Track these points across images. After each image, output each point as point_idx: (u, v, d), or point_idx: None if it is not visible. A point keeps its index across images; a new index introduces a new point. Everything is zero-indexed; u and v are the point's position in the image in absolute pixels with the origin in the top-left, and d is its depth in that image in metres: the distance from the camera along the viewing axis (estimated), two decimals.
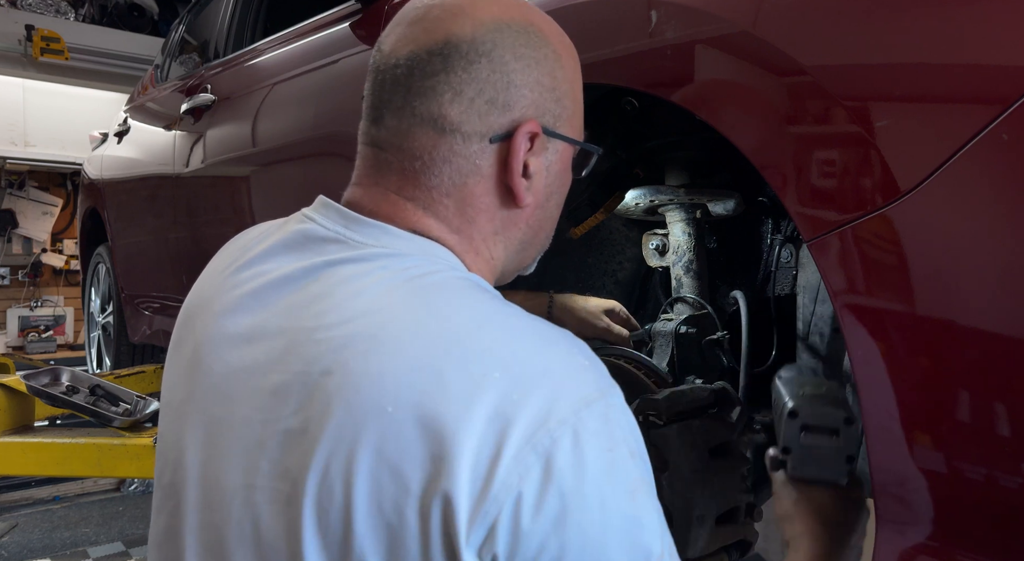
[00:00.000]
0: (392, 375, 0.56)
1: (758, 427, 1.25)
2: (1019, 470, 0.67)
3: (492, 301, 0.64)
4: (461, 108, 0.67)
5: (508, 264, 0.77)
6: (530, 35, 0.70)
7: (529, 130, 0.69)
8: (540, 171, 0.72)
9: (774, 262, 1.28)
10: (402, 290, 0.63)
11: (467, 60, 0.67)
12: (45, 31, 5.41)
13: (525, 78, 0.69)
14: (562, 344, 0.62)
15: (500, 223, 0.73)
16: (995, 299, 0.67)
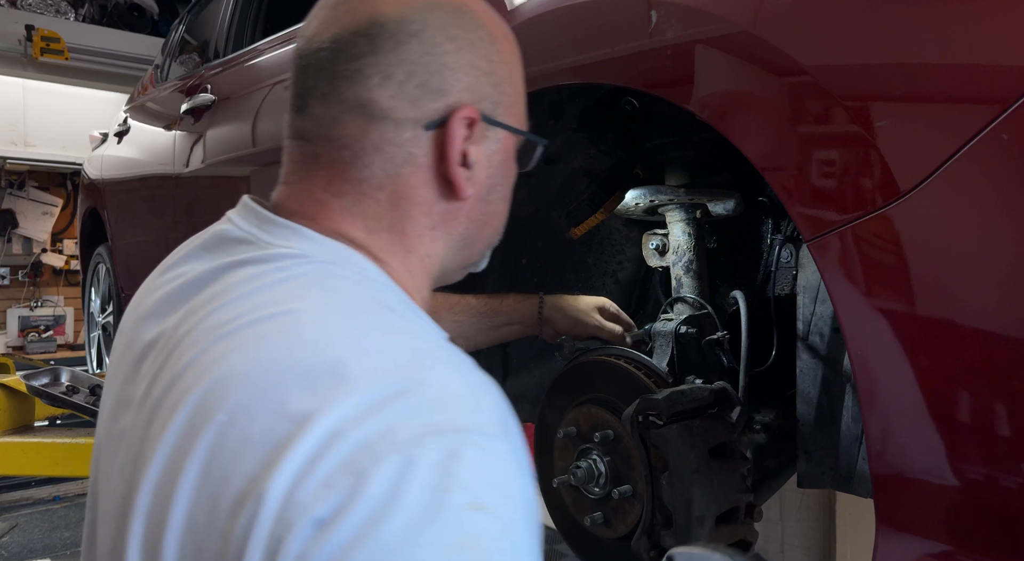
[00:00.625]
0: (239, 384, 0.52)
1: (758, 427, 1.25)
2: (1019, 470, 0.67)
3: (374, 314, 0.59)
4: (391, 92, 0.63)
5: (450, 261, 0.73)
6: (463, 16, 0.66)
7: (466, 116, 0.65)
8: (481, 161, 0.68)
9: (774, 262, 1.28)
10: (286, 293, 0.59)
11: (395, 40, 0.63)
12: (45, 31, 5.41)
13: (459, 61, 0.65)
14: (440, 369, 0.56)
15: (439, 217, 0.69)
16: (995, 299, 0.67)
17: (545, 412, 1.25)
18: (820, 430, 1.07)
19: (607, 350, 1.20)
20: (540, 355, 1.60)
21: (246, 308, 0.57)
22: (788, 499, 2.35)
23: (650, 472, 1.03)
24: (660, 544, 1.04)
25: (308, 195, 0.67)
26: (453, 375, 0.56)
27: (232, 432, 0.50)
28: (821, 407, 1.06)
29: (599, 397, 1.15)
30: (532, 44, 1.17)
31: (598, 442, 1.09)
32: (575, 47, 1.08)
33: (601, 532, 1.13)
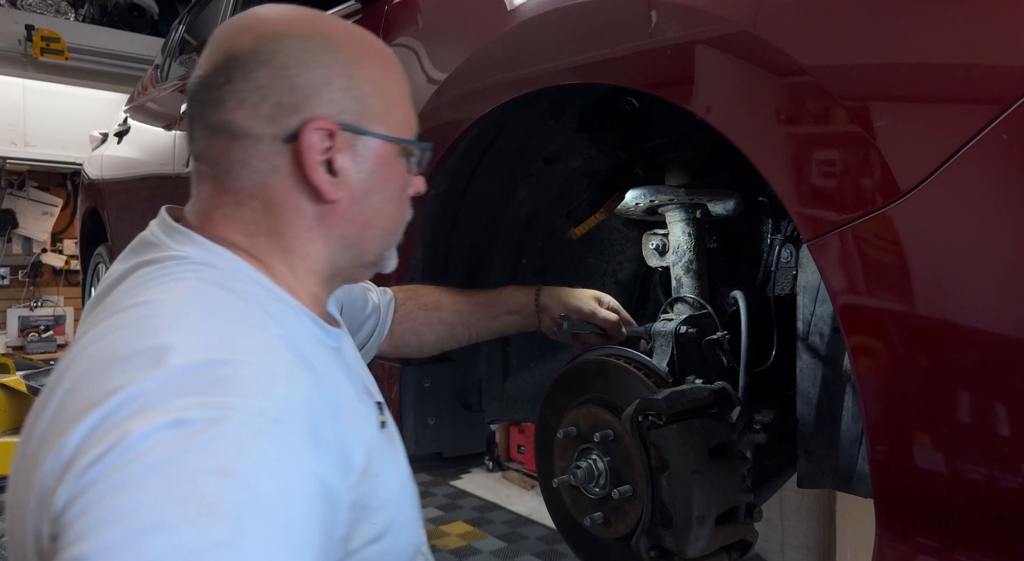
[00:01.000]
0: (87, 358, 0.63)
1: (758, 427, 1.25)
2: (1019, 470, 0.67)
3: (215, 307, 0.68)
4: (246, 113, 0.74)
5: (339, 259, 0.82)
6: (314, 41, 0.76)
7: (319, 127, 0.74)
8: (349, 167, 0.77)
9: (774, 262, 1.28)
10: (154, 288, 0.69)
11: (246, 70, 0.74)
12: (45, 31, 5.41)
13: (310, 80, 0.74)
14: (248, 357, 0.63)
15: (313, 220, 0.78)
16: (995, 299, 0.67)
17: (545, 412, 1.25)
18: (820, 430, 1.07)
19: (607, 350, 1.20)
20: (540, 355, 1.60)
21: (121, 298, 0.69)
22: (788, 499, 2.35)
23: (650, 472, 1.03)
24: (660, 544, 1.04)
25: (200, 206, 0.79)
26: (257, 362, 0.64)
27: (70, 397, 0.60)
28: (821, 407, 1.06)
29: (599, 397, 1.15)
30: (532, 44, 1.17)
31: (598, 442, 1.09)
32: (575, 47, 1.08)
33: (601, 532, 1.13)
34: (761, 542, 2.37)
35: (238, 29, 0.77)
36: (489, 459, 3.93)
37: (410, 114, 0.84)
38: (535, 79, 1.14)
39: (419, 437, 1.50)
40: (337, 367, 0.81)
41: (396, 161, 0.81)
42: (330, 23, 0.80)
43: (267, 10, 0.79)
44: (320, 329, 0.81)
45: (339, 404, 0.74)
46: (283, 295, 0.77)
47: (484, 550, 2.92)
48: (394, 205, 0.83)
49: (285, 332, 0.71)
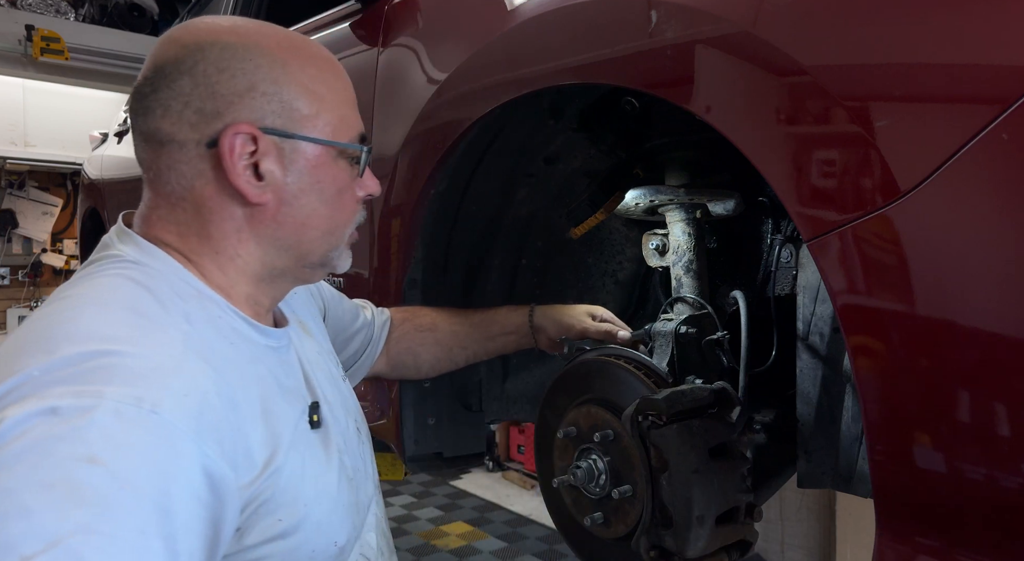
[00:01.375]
0: (6, 345, 0.67)
1: (758, 427, 1.25)
2: (1019, 470, 0.67)
3: (123, 302, 0.71)
4: (171, 120, 0.77)
5: (274, 260, 0.84)
6: (236, 49, 0.77)
7: (238, 131, 0.76)
8: (275, 170, 0.79)
9: (774, 262, 1.28)
10: (78, 283, 0.75)
11: (170, 79, 0.77)
12: (45, 31, 5.41)
13: (232, 87, 0.76)
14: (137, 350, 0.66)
15: (243, 221, 0.80)
16: (995, 299, 0.67)
17: (545, 412, 1.25)
18: (820, 430, 1.07)
19: (607, 350, 1.20)
20: (540, 355, 1.60)
21: (54, 293, 0.75)
22: (788, 499, 2.35)
23: (650, 472, 1.03)
24: (660, 544, 1.04)
25: (142, 209, 0.84)
26: (142, 353, 0.66)
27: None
28: (821, 407, 1.06)
29: (599, 397, 1.15)
30: (532, 44, 1.17)
31: (598, 442, 1.09)
32: (575, 47, 1.08)
33: (601, 532, 1.13)
34: (761, 542, 2.37)
35: (168, 39, 0.80)
36: (489, 459, 3.93)
37: (348, 116, 0.85)
38: (535, 79, 1.14)
39: (419, 437, 1.50)
40: (263, 365, 0.82)
41: (332, 163, 0.83)
42: (261, 30, 0.81)
43: (199, 21, 0.81)
44: (250, 327, 0.83)
45: (243, 399, 0.75)
46: (210, 293, 0.79)
47: (484, 550, 2.92)
48: (331, 207, 0.84)
49: (193, 329, 0.74)
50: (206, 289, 0.79)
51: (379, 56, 1.55)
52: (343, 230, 0.87)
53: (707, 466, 1.02)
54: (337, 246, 0.87)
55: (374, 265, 1.52)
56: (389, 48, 1.54)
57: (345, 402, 0.99)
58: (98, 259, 0.80)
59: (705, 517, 1.00)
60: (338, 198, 0.85)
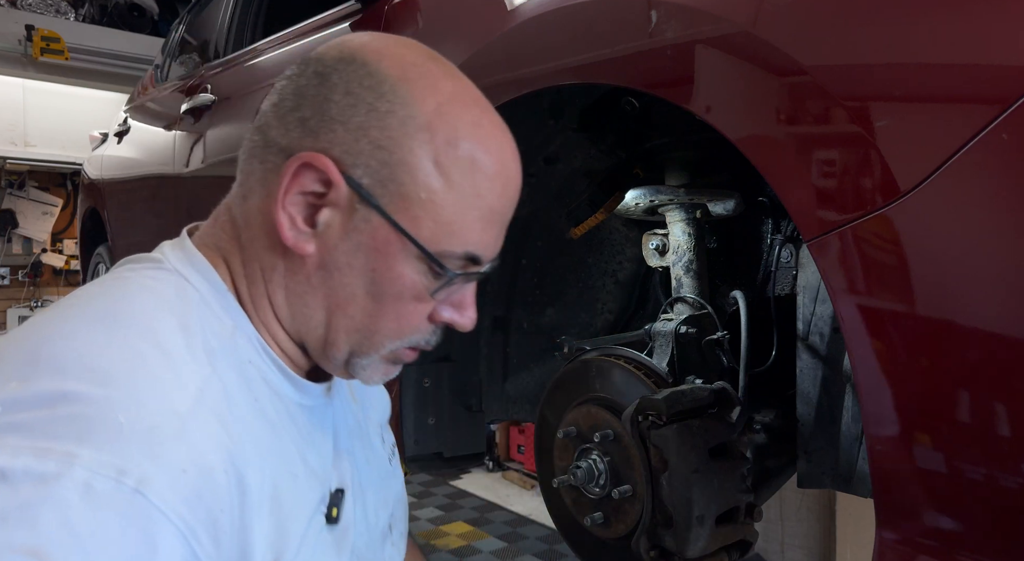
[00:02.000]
0: None
1: (758, 427, 1.25)
2: (1019, 470, 0.67)
3: (129, 322, 0.59)
4: (276, 112, 0.65)
5: (298, 327, 0.67)
6: (381, 81, 0.62)
7: (314, 163, 0.61)
8: (334, 229, 0.63)
9: (774, 262, 1.28)
10: (93, 287, 0.66)
11: (301, 73, 0.65)
12: (45, 31, 5.41)
13: (345, 115, 0.62)
14: (131, 392, 0.53)
15: (279, 261, 0.66)
16: (995, 299, 0.67)
17: (545, 412, 1.25)
18: (820, 430, 1.07)
19: (607, 350, 1.20)
20: (540, 355, 1.60)
21: (79, 289, 0.66)
22: (788, 499, 2.35)
23: (650, 472, 1.03)
24: (660, 544, 1.04)
25: (218, 207, 0.72)
26: (136, 404, 0.52)
27: None
28: (821, 407, 1.06)
29: (599, 397, 1.15)
30: (532, 44, 1.17)
31: (598, 442, 1.09)
32: (575, 47, 1.08)
33: (601, 532, 1.13)
34: (761, 542, 2.37)
35: (340, 39, 0.68)
36: (489, 459, 3.93)
37: (470, 227, 0.64)
38: (535, 79, 1.14)
39: (419, 437, 1.50)
40: (288, 435, 0.66)
41: (404, 260, 0.64)
42: (431, 81, 0.64)
43: (383, 35, 0.68)
44: (284, 378, 0.68)
45: (255, 482, 0.59)
46: (248, 328, 0.66)
47: (484, 550, 2.92)
48: (379, 306, 0.65)
49: (214, 374, 0.59)
50: (245, 322, 0.66)
51: None
52: (384, 339, 0.67)
53: (707, 466, 1.02)
54: (368, 353, 0.67)
55: None
56: None
57: (385, 489, 0.82)
58: (138, 259, 0.69)
59: (705, 517, 1.00)
60: (394, 302, 0.65)
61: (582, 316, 1.59)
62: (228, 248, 0.68)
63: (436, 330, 0.70)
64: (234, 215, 0.68)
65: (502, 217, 0.67)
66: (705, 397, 1.06)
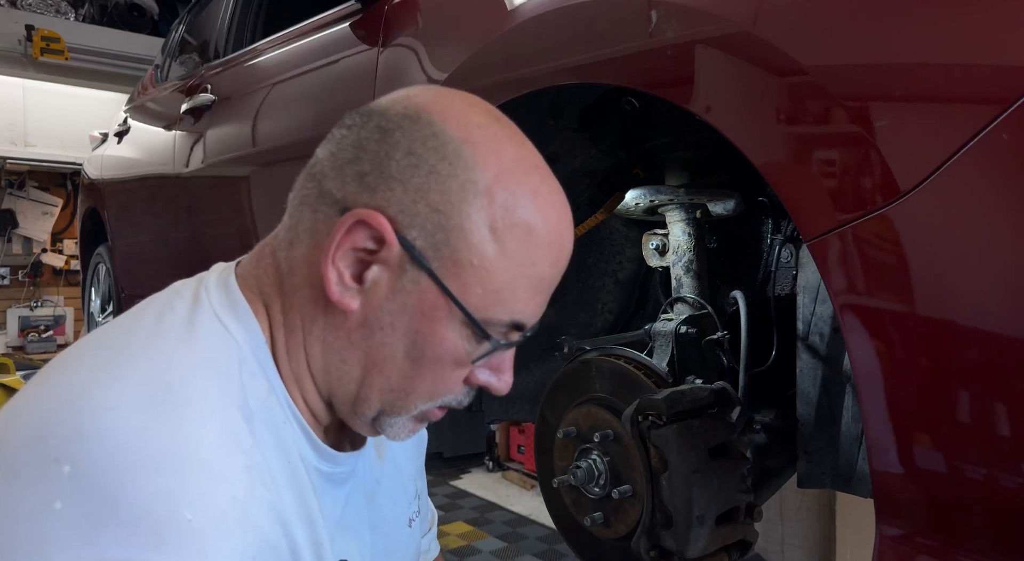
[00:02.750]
0: None
1: (758, 427, 1.25)
2: (1019, 470, 0.67)
3: (140, 361, 0.58)
4: (333, 162, 0.63)
5: (331, 383, 0.66)
6: (445, 144, 0.61)
7: (369, 221, 0.60)
8: (381, 287, 0.62)
9: (774, 262, 1.28)
10: (124, 317, 0.65)
11: (362, 125, 0.63)
12: (45, 31, 5.41)
13: (405, 175, 0.60)
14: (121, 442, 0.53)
15: (323, 312, 0.64)
16: (995, 299, 0.67)
17: (545, 412, 1.25)
18: (820, 430, 1.07)
19: (607, 350, 1.20)
20: (540, 355, 1.60)
21: (111, 323, 0.66)
22: (788, 499, 2.35)
23: (650, 472, 1.03)
24: (660, 544, 1.04)
25: (268, 240, 0.70)
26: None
27: None
28: (821, 407, 1.06)
29: (599, 397, 1.15)
30: (532, 44, 1.17)
31: (598, 442, 1.09)
32: (575, 47, 1.08)
33: (601, 532, 1.13)
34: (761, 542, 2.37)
35: (409, 91, 0.66)
36: (489, 459, 3.93)
37: (517, 296, 0.63)
38: (535, 79, 1.14)
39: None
40: (309, 503, 0.65)
41: (449, 325, 0.63)
42: (497, 146, 0.63)
43: (448, 94, 0.66)
44: (309, 444, 0.67)
45: (302, 540, 0.62)
46: (280, 388, 0.65)
47: (484, 550, 2.92)
48: (417, 368, 0.64)
49: (255, 445, 0.59)
50: (278, 382, 0.65)
51: (379, 56, 1.55)
52: (417, 400, 0.66)
53: (707, 466, 1.02)
54: (399, 413, 0.67)
55: None
56: (389, 48, 1.54)
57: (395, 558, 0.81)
58: (181, 293, 0.66)
59: (705, 517, 1.00)
60: (433, 365, 0.64)
61: (582, 316, 1.59)
62: (270, 293, 0.66)
63: (470, 391, 0.69)
64: (278, 259, 0.66)
65: (550, 285, 0.66)
66: (705, 397, 1.06)
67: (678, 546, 1.01)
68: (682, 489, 1.00)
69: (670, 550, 1.03)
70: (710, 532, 1.01)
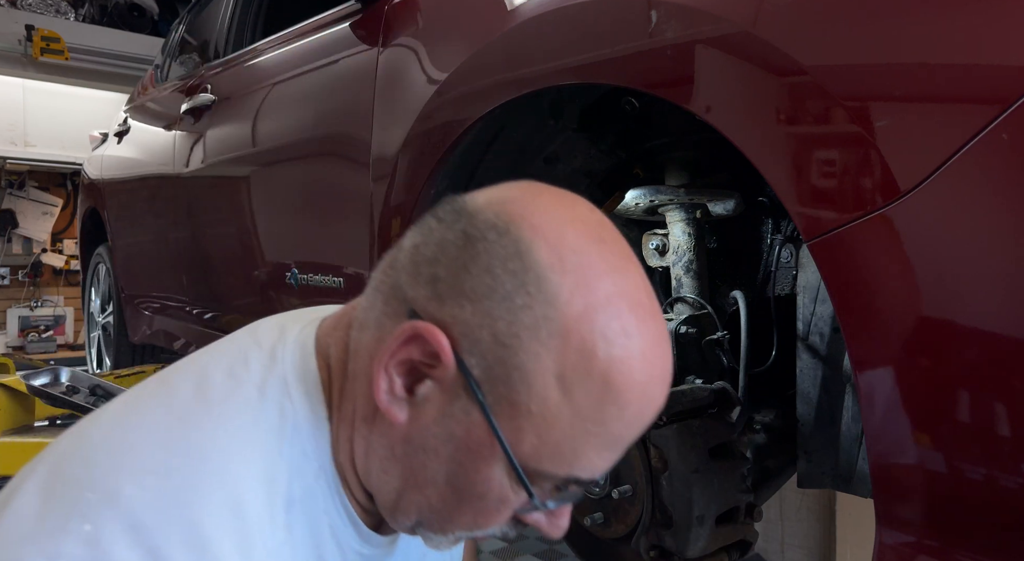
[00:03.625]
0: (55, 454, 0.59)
1: (758, 427, 1.25)
2: (1019, 470, 0.67)
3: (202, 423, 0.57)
4: (413, 256, 0.58)
5: (372, 485, 0.62)
6: (527, 271, 0.53)
7: (427, 337, 0.54)
8: (431, 404, 0.56)
9: (774, 262, 1.28)
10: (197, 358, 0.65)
11: (451, 223, 0.57)
12: (45, 31, 5.41)
13: (476, 294, 0.53)
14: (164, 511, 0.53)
15: (373, 413, 0.59)
16: (995, 299, 0.67)
17: None
18: (820, 430, 1.07)
19: None
20: None
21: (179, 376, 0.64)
22: (788, 499, 2.35)
23: (650, 472, 1.03)
24: (660, 544, 1.04)
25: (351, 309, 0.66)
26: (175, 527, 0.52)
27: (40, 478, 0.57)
28: (821, 407, 1.06)
29: None
30: (532, 44, 1.17)
31: None
32: (575, 47, 1.08)
33: (601, 532, 1.13)
34: (761, 542, 2.37)
35: (504, 191, 0.59)
36: None
37: (578, 453, 0.55)
38: (535, 79, 1.14)
39: None
40: None
41: (496, 468, 0.56)
42: (588, 277, 0.53)
43: (550, 205, 0.57)
44: (353, 529, 0.64)
45: None
46: (330, 470, 0.62)
47: (484, 550, 2.92)
48: (458, 499, 0.59)
49: (290, 538, 0.58)
50: (328, 463, 0.61)
51: (379, 56, 1.55)
52: (456, 529, 0.61)
53: (707, 466, 1.02)
54: (437, 533, 0.63)
55: (374, 265, 1.52)
56: (389, 48, 1.54)
57: None
58: (261, 338, 0.64)
59: (705, 517, 1.00)
60: (476, 501, 0.59)
61: None
62: (335, 369, 0.62)
63: (518, 524, 0.63)
64: (351, 337, 0.62)
65: (626, 443, 0.57)
66: (705, 397, 1.06)
67: (678, 546, 1.01)
68: (682, 489, 1.00)
69: (670, 550, 1.03)
70: (710, 532, 1.01)
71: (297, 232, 1.92)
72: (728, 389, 1.08)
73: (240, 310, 2.27)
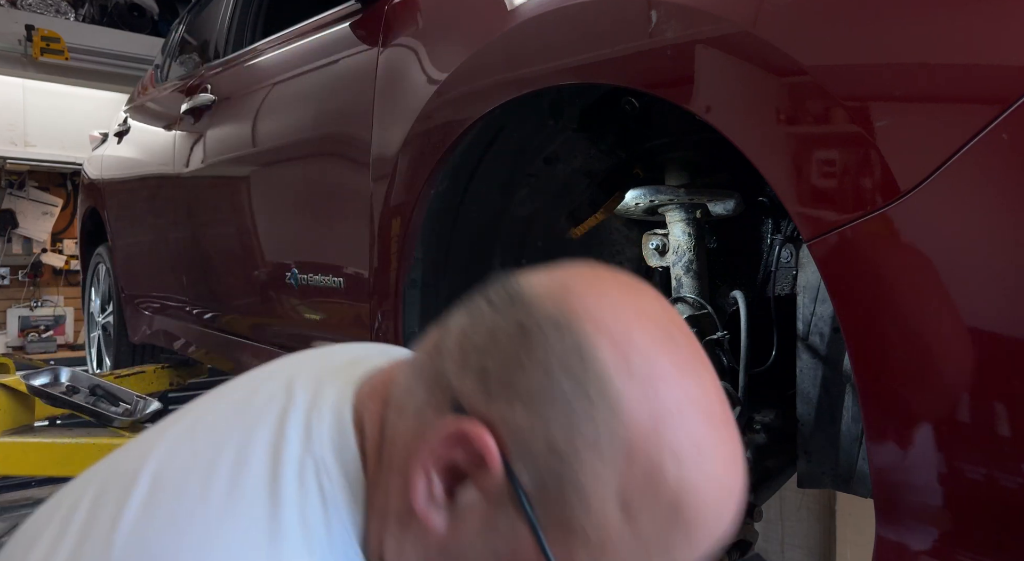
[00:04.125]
0: None
1: (758, 427, 1.25)
2: (1019, 470, 0.67)
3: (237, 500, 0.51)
4: (460, 341, 0.52)
5: None
6: (587, 373, 0.47)
7: (472, 440, 0.48)
8: (473, 513, 0.50)
9: (774, 262, 1.28)
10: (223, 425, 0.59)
11: (503, 309, 0.51)
12: (45, 31, 5.41)
13: (530, 395, 0.48)
14: None
15: (406, 514, 0.52)
16: (995, 299, 0.67)
17: None
18: (820, 430, 1.07)
19: None
20: None
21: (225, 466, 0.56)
22: (788, 499, 2.35)
23: None
24: None
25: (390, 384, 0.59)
26: None
27: None
28: (821, 407, 1.06)
29: None
30: (532, 44, 1.17)
31: None
32: (575, 47, 1.08)
33: None
34: (761, 542, 2.37)
35: (564, 279, 0.55)
36: None
37: None
38: (535, 79, 1.14)
39: None
40: None
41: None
42: (654, 378, 0.48)
43: (616, 298, 0.53)
44: None
45: None
46: None
47: None
48: None
49: None
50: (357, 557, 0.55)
51: (379, 56, 1.55)
52: None
53: None
54: None
55: (374, 265, 1.52)
56: (389, 48, 1.54)
57: None
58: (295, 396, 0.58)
59: None
60: None
61: None
62: (372, 451, 0.56)
63: None
64: (388, 417, 0.56)
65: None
66: None
67: None
68: None
69: None
70: None
71: (297, 232, 1.92)
72: (728, 389, 1.08)
73: (240, 310, 2.27)
